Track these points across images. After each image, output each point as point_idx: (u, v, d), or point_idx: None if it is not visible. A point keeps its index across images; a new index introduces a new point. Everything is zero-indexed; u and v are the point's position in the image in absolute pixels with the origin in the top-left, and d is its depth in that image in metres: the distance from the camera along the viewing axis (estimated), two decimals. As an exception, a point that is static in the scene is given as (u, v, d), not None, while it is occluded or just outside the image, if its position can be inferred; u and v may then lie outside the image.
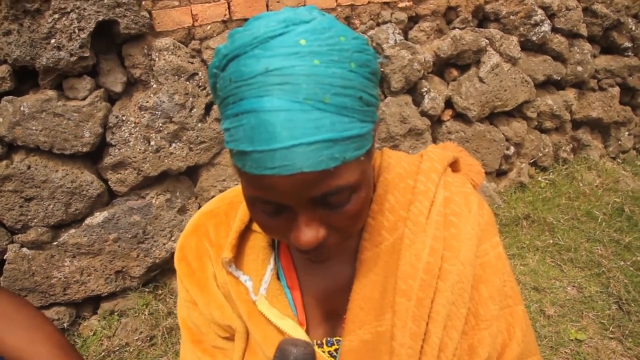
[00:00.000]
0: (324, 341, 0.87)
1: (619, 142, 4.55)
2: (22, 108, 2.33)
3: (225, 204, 0.93)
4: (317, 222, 0.65)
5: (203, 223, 0.92)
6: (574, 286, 2.99)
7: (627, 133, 4.61)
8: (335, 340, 0.87)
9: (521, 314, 0.84)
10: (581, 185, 3.95)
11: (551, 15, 3.74)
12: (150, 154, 2.58)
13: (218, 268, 0.88)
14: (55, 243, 2.56)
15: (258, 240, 0.87)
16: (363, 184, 0.65)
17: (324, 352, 0.86)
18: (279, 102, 0.55)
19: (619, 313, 2.76)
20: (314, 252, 0.69)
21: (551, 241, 3.36)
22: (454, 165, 0.92)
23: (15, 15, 2.24)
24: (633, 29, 4.17)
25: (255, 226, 0.87)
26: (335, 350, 0.86)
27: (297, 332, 0.81)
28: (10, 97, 2.35)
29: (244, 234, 0.87)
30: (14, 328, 0.91)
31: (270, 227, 0.69)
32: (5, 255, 2.51)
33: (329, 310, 0.87)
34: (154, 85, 2.55)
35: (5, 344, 0.90)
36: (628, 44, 4.22)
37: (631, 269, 3.05)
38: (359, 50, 0.61)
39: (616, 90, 4.36)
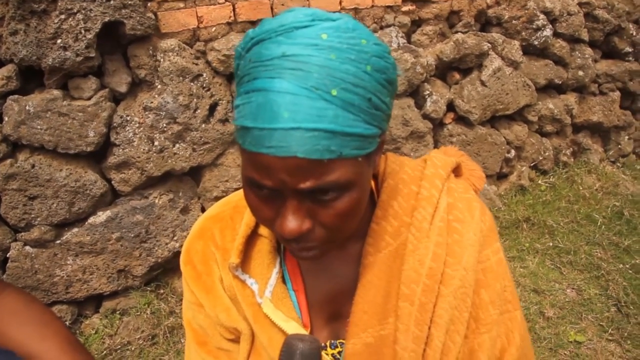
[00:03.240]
0: (327, 344, 0.88)
1: (619, 146, 4.57)
2: (27, 107, 2.35)
3: (230, 207, 0.94)
4: (304, 213, 0.65)
5: (209, 227, 0.93)
6: (573, 288, 3.01)
7: (627, 137, 4.63)
8: (339, 342, 0.88)
9: (520, 318, 0.85)
10: (581, 188, 3.97)
11: (553, 20, 3.76)
12: (154, 154, 2.60)
13: (224, 271, 0.89)
14: (58, 242, 2.57)
15: (264, 245, 0.88)
16: (356, 186, 0.66)
17: (327, 354, 0.88)
18: (288, 85, 0.57)
19: (617, 315, 2.77)
20: (296, 243, 0.69)
21: (551, 244, 3.38)
22: (456, 170, 0.93)
23: (22, 16, 2.25)
24: (634, 34, 4.19)
25: (261, 230, 0.88)
26: (339, 352, 0.87)
27: None
28: (16, 96, 2.36)
29: (250, 238, 0.88)
30: (24, 324, 0.92)
31: (259, 211, 0.69)
32: (9, 253, 2.52)
33: (333, 313, 0.88)
34: (159, 86, 2.57)
35: (15, 339, 0.91)
36: (629, 49, 4.25)
37: (630, 271, 3.07)
38: (378, 55, 0.62)
39: (617, 94, 4.38)
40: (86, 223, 2.60)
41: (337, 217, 0.66)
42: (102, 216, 2.61)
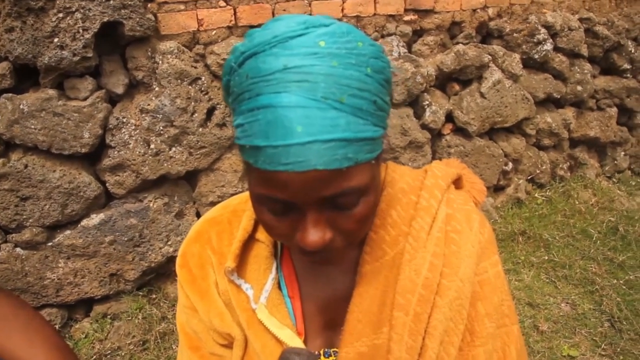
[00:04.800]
0: (321, 352, 0.86)
1: (615, 162, 4.59)
2: (21, 106, 2.32)
3: (229, 211, 0.93)
4: (324, 224, 0.64)
5: (206, 230, 0.92)
6: (567, 303, 3.00)
7: (623, 153, 4.64)
8: (333, 351, 0.86)
9: (516, 333, 0.84)
10: (577, 203, 3.97)
11: (554, 35, 3.77)
12: (150, 157, 2.57)
13: (220, 276, 0.87)
14: (50, 244, 2.54)
15: (261, 250, 0.86)
16: (372, 188, 0.66)
17: None
18: (296, 98, 0.56)
19: (611, 331, 2.77)
20: (318, 255, 0.68)
21: (546, 257, 3.38)
22: (457, 182, 0.93)
23: (19, 13, 2.22)
24: (632, 51, 4.22)
25: (258, 235, 0.87)
26: None
27: (295, 342, 0.81)
28: (10, 94, 2.33)
29: (247, 243, 0.87)
30: (12, 329, 0.89)
31: (275, 228, 0.68)
32: (-1, 255, 2.48)
33: (328, 321, 0.87)
34: (156, 88, 2.54)
35: (2, 345, 0.88)
36: (627, 66, 4.27)
37: (624, 287, 3.07)
38: (375, 56, 0.62)
39: (614, 110, 4.40)
40: (79, 225, 2.56)
41: (356, 223, 0.66)
42: (95, 219, 2.57)
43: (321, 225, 0.64)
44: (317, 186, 0.58)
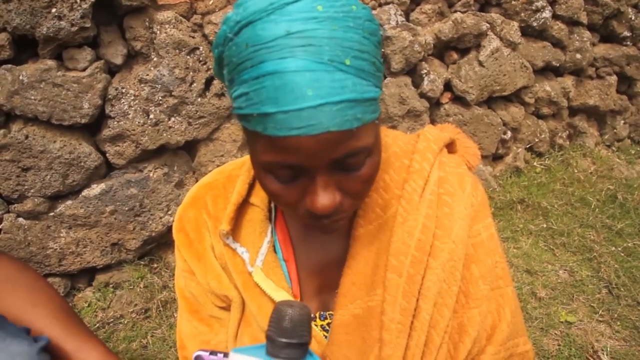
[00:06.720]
0: (317, 315, 0.89)
1: (615, 131, 4.57)
2: (21, 77, 2.32)
3: (224, 177, 0.94)
4: (334, 187, 0.66)
5: (202, 195, 0.93)
6: (565, 270, 3.03)
7: (622, 122, 4.63)
8: (328, 314, 0.89)
9: (511, 295, 0.85)
10: (576, 171, 3.98)
11: (552, 2, 3.73)
12: (149, 127, 2.58)
13: (215, 239, 0.89)
14: (51, 214, 2.56)
15: (255, 213, 0.88)
16: (377, 148, 0.68)
17: (316, 325, 0.89)
18: (303, 62, 0.56)
19: (608, 297, 2.80)
20: (327, 218, 0.69)
21: (545, 225, 3.39)
22: (450, 147, 0.94)
23: (16, -17, 2.21)
24: (633, 18, 4.17)
25: (253, 199, 0.88)
26: (328, 324, 0.88)
27: None
28: (9, 65, 2.32)
29: (242, 207, 0.88)
30: (17, 290, 0.93)
31: (283, 197, 0.69)
32: (1, 225, 2.50)
33: (323, 284, 0.89)
34: (155, 59, 2.54)
35: (8, 305, 0.91)
36: (627, 34, 4.22)
37: (622, 254, 3.09)
38: (369, 19, 0.63)
39: (614, 78, 4.37)
40: (80, 196, 2.58)
41: (363, 183, 0.68)
42: (96, 189, 2.59)
43: (331, 188, 0.65)
44: (329, 148, 0.60)
